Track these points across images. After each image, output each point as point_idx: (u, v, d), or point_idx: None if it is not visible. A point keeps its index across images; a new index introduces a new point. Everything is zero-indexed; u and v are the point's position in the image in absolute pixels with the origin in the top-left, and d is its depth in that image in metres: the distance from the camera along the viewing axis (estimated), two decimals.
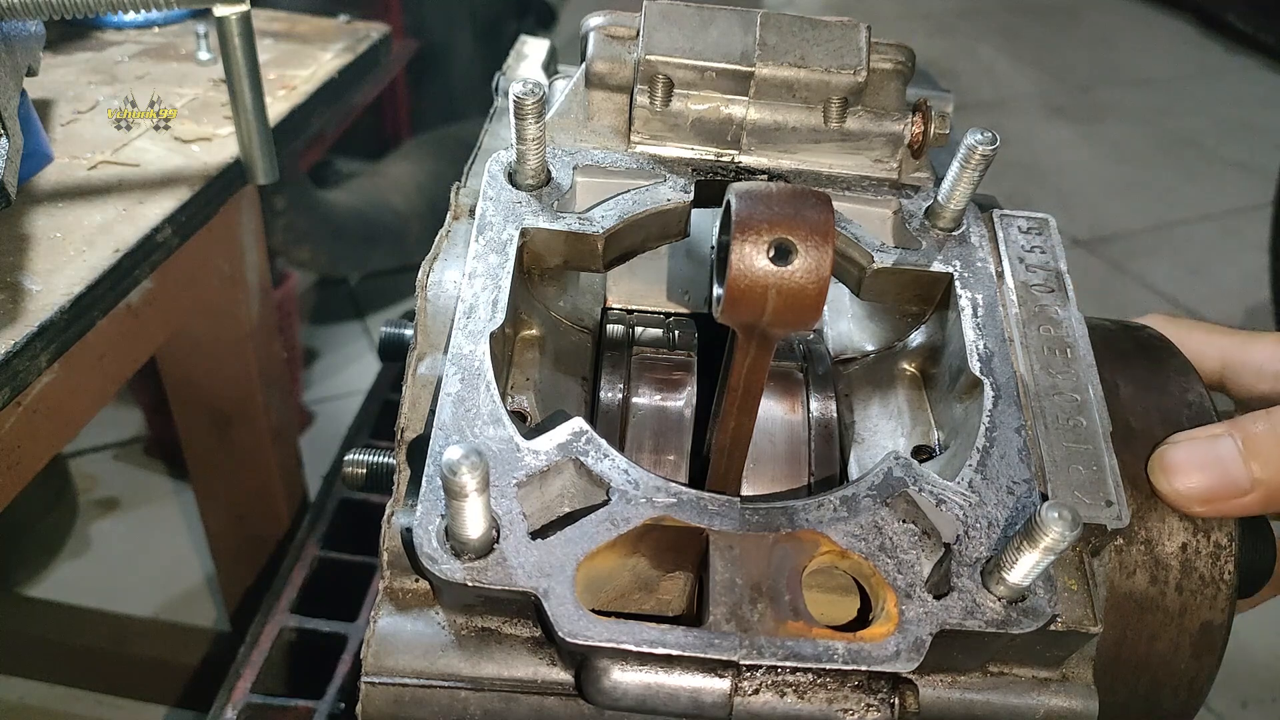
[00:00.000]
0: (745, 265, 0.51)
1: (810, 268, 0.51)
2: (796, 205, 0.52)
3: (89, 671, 1.90)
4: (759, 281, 0.52)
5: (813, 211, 0.52)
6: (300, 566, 1.49)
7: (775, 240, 0.51)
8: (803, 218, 0.52)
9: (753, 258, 0.51)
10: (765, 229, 0.51)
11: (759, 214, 0.52)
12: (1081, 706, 0.61)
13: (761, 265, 0.51)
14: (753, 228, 0.51)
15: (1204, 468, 0.65)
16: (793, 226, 0.51)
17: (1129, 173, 3.96)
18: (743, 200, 0.53)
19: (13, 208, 1.04)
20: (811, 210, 0.52)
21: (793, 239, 0.51)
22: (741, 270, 0.51)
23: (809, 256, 0.51)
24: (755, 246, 0.51)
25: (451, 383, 0.62)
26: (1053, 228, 0.77)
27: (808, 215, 0.52)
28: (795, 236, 0.51)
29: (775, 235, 0.51)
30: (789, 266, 0.51)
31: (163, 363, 1.55)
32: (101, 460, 2.45)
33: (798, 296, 0.52)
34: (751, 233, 0.51)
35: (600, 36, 0.77)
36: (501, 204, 0.71)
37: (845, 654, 0.54)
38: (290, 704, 1.32)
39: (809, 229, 0.51)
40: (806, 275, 0.52)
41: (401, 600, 0.61)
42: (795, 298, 0.52)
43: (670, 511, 0.58)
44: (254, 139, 1.15)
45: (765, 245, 0.51)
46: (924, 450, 0.70)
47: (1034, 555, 0.54)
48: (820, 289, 0.52)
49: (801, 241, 0.51)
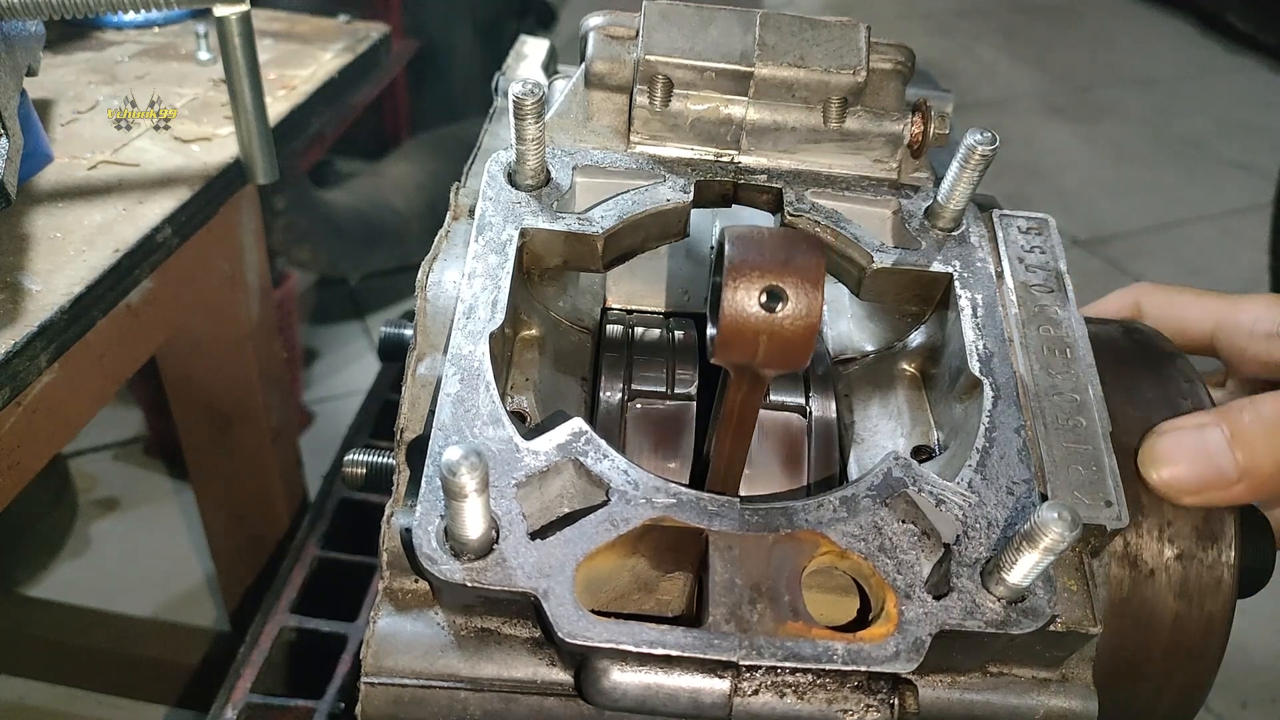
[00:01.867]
0: (737, 310, 0.53)
1: (800, 313, 0.53)
2: (788, 251, 0.54)
3: (89, 671, 1.90)
4: (750, 326, 0.54)
5: (803, 258, 0.54)
6: (300, 566, 1.49)
7: (766, 287, 0.53)
8: (794, 264, 0.53)
9: (744, 303, 0.53)
10: (756, 275, 0.53)
11: (751, 260, 0.53)
12: (1081, 707, 0.61)
13: (753, 310, 0.53)
14: (744, 274, 0.53)
15: (1191, 458, 0.65)
16: (783, 273, 0.53)
17: (1129, 173, 3.96)
18: (735, 245, 0.55)
19: (13, 208, 1.04)
20: (802, 256, 0.54)
21: (783, 285, 0.53)
22: (733, 315, 0.53)
23: (799, 302, 0.53)
24: (747, 292, 0.53)
25: (451, 383, 0.62)
26: (1052, 228, 0.77)
27: (798, 262, 0.54)
28: (786, 283, 0.53)
29: (766, 282, 0.53)
30: (779, 313, 0.53)
31: (163, 363, 1.55)
32: (101, 460, 2.45)
33: (788, 340, 0.54)
34: (743, 279, 0.53)
35: (600, 36, 0.76)
36: (501, 204, 0.71)
37: (845, 654, 0.54)
38: (290, 704, 1.31)
39: (799, 275, 0.53)
40: (796, 321, 0.53)
41: (401, 600, 0.61)
42: (785, 342, 0.54)
43: (670, 512, 0.58)
44: (254, 139, 1.15)
45: (757, 291, 0.53)
46: (924, 450, 0.70)
47: (1034, 556, 0.54)
48: (810, 333, 0.54)
49: (792, 288, 0.53)
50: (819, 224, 0.73)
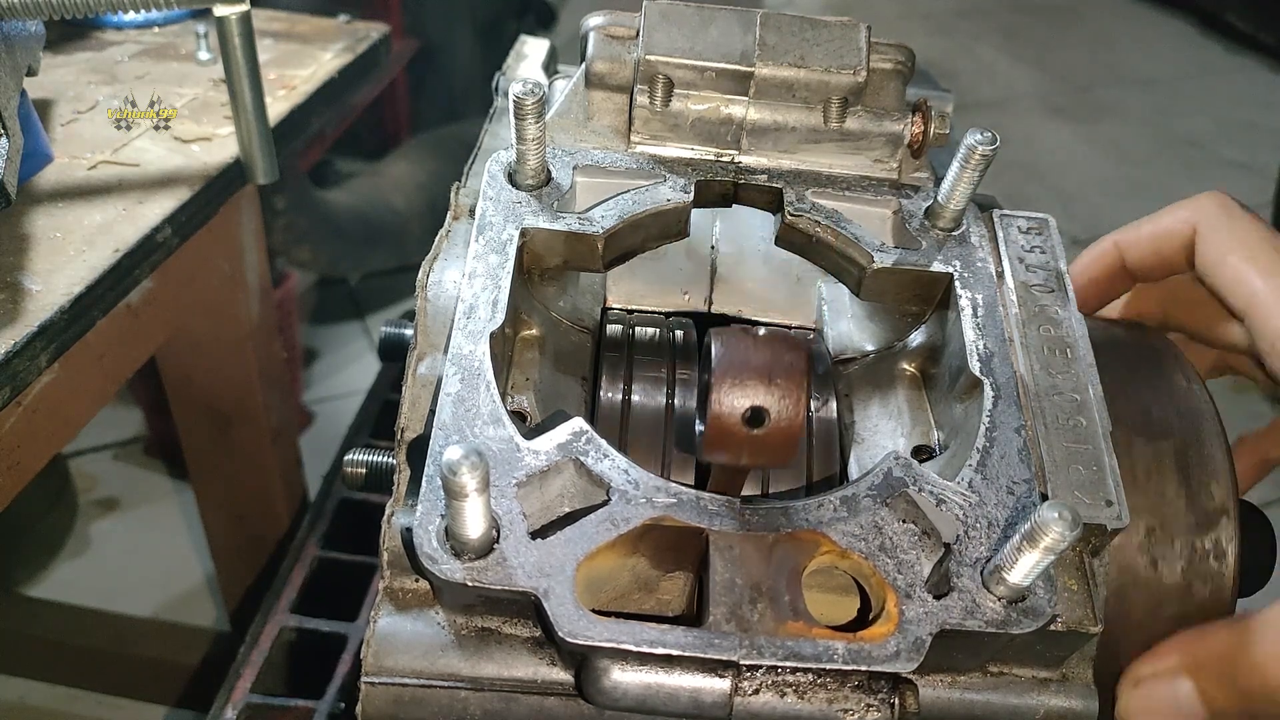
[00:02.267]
0: (720, 426, 0.55)
1: (782, 429, 0.55)
2: (771, 369, 0.56)
3: (89, 671, 1.90)
4: (733, 439, 0.56)
5: (786, 378, 0.56)
6: (300, 566, 1.49)
7: (749, 408, 0.55)
8: (776, 385, 0.55)
9: (728, 420, 0.55)
10: (739, 396, 0.55)
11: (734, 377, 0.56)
12: (1081, 706, 0.61)
13: (736, 427, 0.55)
14: (728, 394, 0.55)
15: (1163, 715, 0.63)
16: (767, 394, 0.55)
17: (1129, 173, 3.96)
18: (721, 360, 0.57)
19: (13, 208, 1.04)
20: (784, 377, 0.56)
21: (766, 407, 0.54)
22: (717, 430, 0.55)
23: (782, 421, 0.55)
24: (731, 411, 0.55)
25: (451, 383, 0.62)
26: (1053, 228, 0.77)
27: (781, 383, 0.55)
28: (769, 404, 0.54)
29: (750, 403, 0.55)
30: (762, 429, 0.55)
31: (163, 363, 1.55)
32: (101, 460, 2.45)
33: (772, 449, 0.56)
34: (727, 399, 0.55)
35: (600, 36, 0.76)
36: (501, 204, 0.71)
37: (845, 654, 0.54)
38: (290, 704, 1.32)
39: (781, 395, 0.55)
40: (779, 436, 0.55)
41: (401, 600, 0.61)
42: (769, 449, 0.56)
43: (670, 512, 0.58)
44: (254, 139, 1.15)
45: (740, 412, 0.55)
46: (924, 450, 0.70)
47: (1034, 555, 0.54)
48: (792, 444, 0.56)
49: (775, 408, 0.55)
50: (819, 223, 0.73)
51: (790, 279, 0.84)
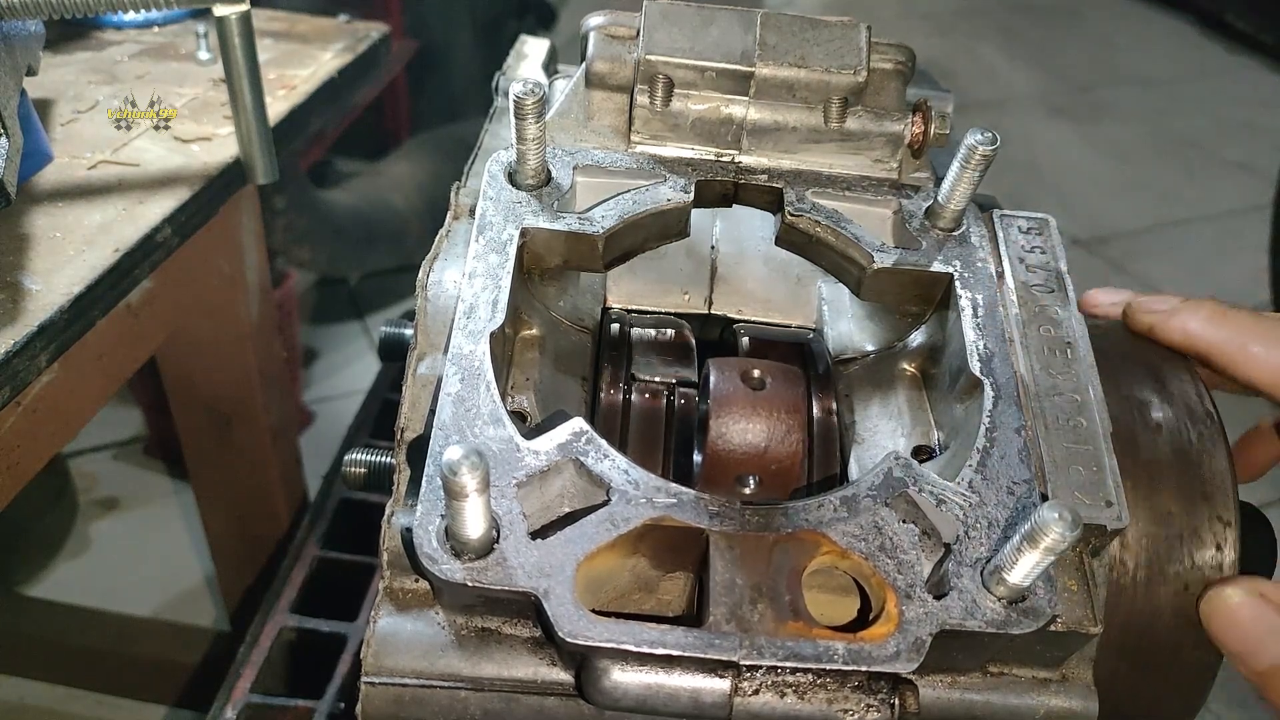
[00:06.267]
0: (714, 480, 0.57)
1: (772, 487, 0.57)
2: (769, 437, 0.58)
3: (89, 671, 1.90)
4: (725, 488, 0.59)
5: (781, 447, 0.57)
6: (300, 566, 1.49)
7: (740, 475, 0.57)
8: (770, 455, 0.57)
9: (721, 478, 0.57)
10: (733, 464, 0.59)
11: (729, 445, 0.58)
12: (1081, 707, 0.61)
13: (728, 485, 0.57)
14: (721, 462, 0.57)
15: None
16: (759, 464, 0.56)
17: (1129, 173, 3.96)
18: (717, 421, 0.59)
19: (13, 207, 1.04)
20: (779, 446, 0.58)
21: (758, 475, 0.56)
22: (712, 481, 0.57)
23: (771, 485, 0.57)
24: (724, 474, 0.57)
25: (451, 383, 0.62)
26: (1053, 228, 0.77)
27: (774, 452, 0.57)
28: (761, 473, 0.56)
29: (741, 471, 0.56)
30: (752, 488, 0.57)
31: (162, 362, 1.55)
32: (101, 460, 2.44)
33: (764, 492, 0.58)
34: (720, 465, 0.57)
35: (600, 36, 0.76)
36: (501, 204, 0.71)
37: (845, 654, 0.54)
38: (290, 704, 1.32)
39: (773, 463, 0.55)
40: (768, 493, 0.57)
41: (401, 600, 0.61)
42: (764, 495, 0.58)
43: (670, 512, 0.58)
44: (254, 139, 1.15)
45: (732, 475, 0.57)
46: (924, 450, 0.70)
47: (1034, 555, 0.54)
48: (786, 491, 0.58)
49: (764, 472, 0.57)
50: (819, 223, 0.73)
51: (790, 279, 0.84)
